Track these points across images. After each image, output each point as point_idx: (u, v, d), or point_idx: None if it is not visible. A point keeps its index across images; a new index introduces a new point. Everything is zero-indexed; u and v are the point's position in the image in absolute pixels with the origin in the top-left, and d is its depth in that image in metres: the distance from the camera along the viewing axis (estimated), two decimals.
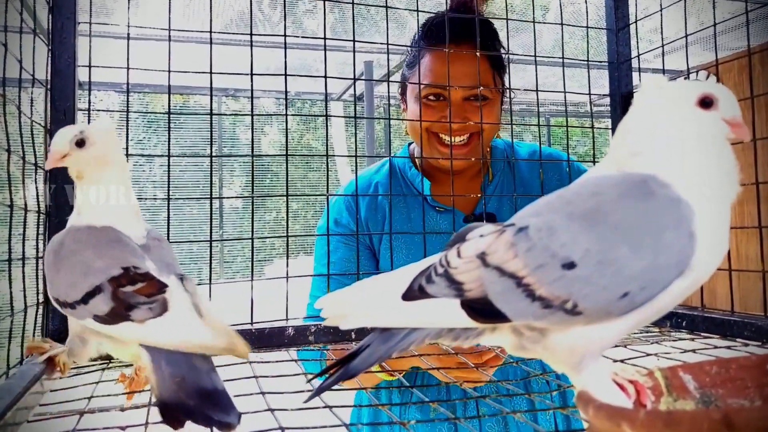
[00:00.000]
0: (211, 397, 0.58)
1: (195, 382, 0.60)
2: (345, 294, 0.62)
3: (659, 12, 1.28)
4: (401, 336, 0.59)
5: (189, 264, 7.56)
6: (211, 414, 0.57)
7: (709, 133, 0.56)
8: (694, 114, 0.57)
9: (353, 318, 0.59)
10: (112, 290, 0.65)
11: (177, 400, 0.58)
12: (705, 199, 0.53)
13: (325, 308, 0.61)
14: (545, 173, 1.33)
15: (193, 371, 0.61)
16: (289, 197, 1.11)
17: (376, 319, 0.59)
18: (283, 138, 1.28)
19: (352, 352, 0.60)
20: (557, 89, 5.49)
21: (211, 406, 0.57)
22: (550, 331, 0.56)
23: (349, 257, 1.32)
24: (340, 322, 0.60)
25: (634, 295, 0.52)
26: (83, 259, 0.68)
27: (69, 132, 0.74)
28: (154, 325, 0.63)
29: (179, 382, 0.59)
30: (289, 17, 4.54)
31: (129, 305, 0.64)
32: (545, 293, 0.53)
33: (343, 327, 0.60)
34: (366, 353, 0.59)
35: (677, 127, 0.56)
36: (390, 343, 0.59)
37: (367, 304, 0.60)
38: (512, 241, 0.56)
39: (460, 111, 1.27)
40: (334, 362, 0.60)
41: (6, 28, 0.86)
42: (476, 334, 0.59)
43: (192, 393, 0.58)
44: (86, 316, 0.66)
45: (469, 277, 0.56)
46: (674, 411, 0.56)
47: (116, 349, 0.71)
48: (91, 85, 1.03)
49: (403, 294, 0.58)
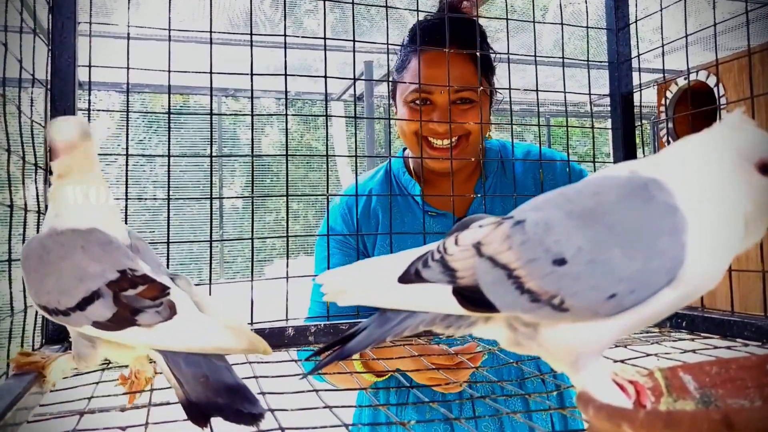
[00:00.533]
0: (237, 392, 0.59)
1: (219, 380, 0.60)
2: (345, 272, 0.63)
3: (659, 12, 1.28)
4: (397, 321, 0.60)
5: (189, 264, 7.56)
6: (241, 408, 0.57)
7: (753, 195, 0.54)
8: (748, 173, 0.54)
9: (351, 295, 0.61)
10: (113, 295, 0.63)
11: (206, 399, 0.58)
12: (707, 215, 0.53)
13: (325, 284, 0.62)
14: (538, 173, 1.34)
15: (214, 369, 0.61)
16: (289, 197, 1.11)
17: (373, 299, 0.60)
18: (283, 138, 1.28)
19: (347, 334, 0.61)
20: (557, 89, 5.49)
21: (239, 400, 0.58)
22: (541, 327, 0.56)
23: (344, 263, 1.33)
24: (338, 298, 0.61)
25: (621, 297, 0.52)
26: (74, 263, 0.65)
27: (74, 122, 0.70)
28: (164, 329, 0.62)
29: (204, 382, 0.60)
30: (290, 17, 4.54)
31: (134, 309, 0.62)
32: (534, 287, 0.54)
33: (341, 303, 0.61)
34: (362, 335, 0.60)
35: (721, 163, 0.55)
36: (386, 326, 0.60)
37: (366, 284, 0.61)
38: (508, 233, 0.56)
39: (447, 115, 1.26)
40: (329, 343, 0.62)
41: (6, 28, 0.86)
42: (468, 323, 0.60)
43: (219, 390, 0.59)
44: (84, 323, 0.63)
45: (463, 264, 0.57)
46: (674, 411, 0.56)
47: (119, 354, 0.69)
48: (91, 85, 1.03)
49: (400, 276, 0.59)
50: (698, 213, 0.53)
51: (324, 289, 0.62)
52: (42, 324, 0.96)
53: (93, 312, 0.63)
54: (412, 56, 1.31)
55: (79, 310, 0.63)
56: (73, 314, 0.63)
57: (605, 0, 1.38)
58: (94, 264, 0.65)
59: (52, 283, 0.65)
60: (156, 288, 0.64)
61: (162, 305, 0.63)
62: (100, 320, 0.63)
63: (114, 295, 0.63)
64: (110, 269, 0.64)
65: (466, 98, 1.29)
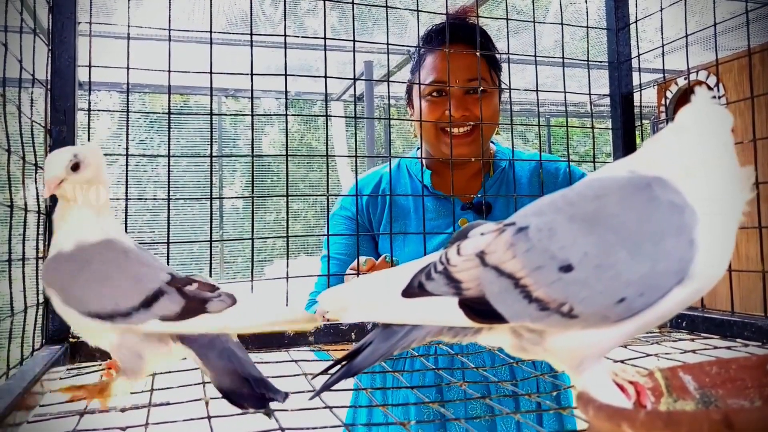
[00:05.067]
0: (260, 382, 0.65)
1: (245, 372, 0.66)
2: (346, 288, 0.62)
3: (659, 12, 1.28)
4: (402, 333, 0.59)
5: (189, 264, 7.56)
6: (265, 393, 0.64)
7: (732, 154, 0.56)
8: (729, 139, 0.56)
9: (353, 312, 0.59)
10: (177, 290, 0.68)
11: (233, 388, 0.65)
12: (712, 209, 0.53)
13: (326, 302, 0.61)
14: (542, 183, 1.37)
15: (240, 363, 0.67)
16: (289, 197, 1.11)
17: (377, 315, 0.59)
18: (283, 138, 1.29)
19: (354, 350, 0.60)
20: (557, 89, 5.49)
21: (263, 388, 0.64)
22: (548, 334, 0.55)
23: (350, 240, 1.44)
24: (340, 316, 0.60)
25: (631, 301, 0.51)
26: (125, 268, 0.70)
27: (63, 156, 0.73)
28: (233, 312, 0.67)
29: (232, 374, 0.66)
30: (291, 17, 4.54)
31: (202, 299, 0.67)
32: (542, 295, 0.53)
33: (344, 320, 0.60)
34: (368, 351, 0.59)
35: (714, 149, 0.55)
36: (392, 340, 0.59)
37: (368, 299, 0.60)
38: (511, 241, 0.55)
39: (462, 103, 1.37)
40: (337, 360, 0.61)
41: (6, 28, 0.86)
42: (474, 332, 0.59)
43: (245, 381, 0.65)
44: (148, 319, 0.67)
45: (468, 275, 0.56)
46: (674, 411, 0.56)
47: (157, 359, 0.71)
48: (92, 85, 1.03)
49: (403, 291, 0.58)
50: (706, 206, 0.53)
51: (325, 307, 0.61)
52: (42, 324, 0.96)
53: (160, 308, 0.67)
54: (427, 55, 1.43)
55: (144, 309, 0.67)
56: (135, 314, 0.67)
57: (605, 0, 1.38)
58: (145, 268, 0.70)
59: (107, 290, 0.68)
60: (208, 284, 0.70)
61: (221, 295, 0.68)
62: (168, 314, 0.67)
63: (178, 290, 0.68)
64: (161, 272, 0.70)
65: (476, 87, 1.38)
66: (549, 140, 8.42)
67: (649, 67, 4.29)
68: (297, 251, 7.04)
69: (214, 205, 1.07)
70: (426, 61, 1.43)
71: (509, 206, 1.40)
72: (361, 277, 0.64)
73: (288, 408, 0.66)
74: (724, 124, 0.56)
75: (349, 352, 0.60)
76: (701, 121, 0.56)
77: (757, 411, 0.42)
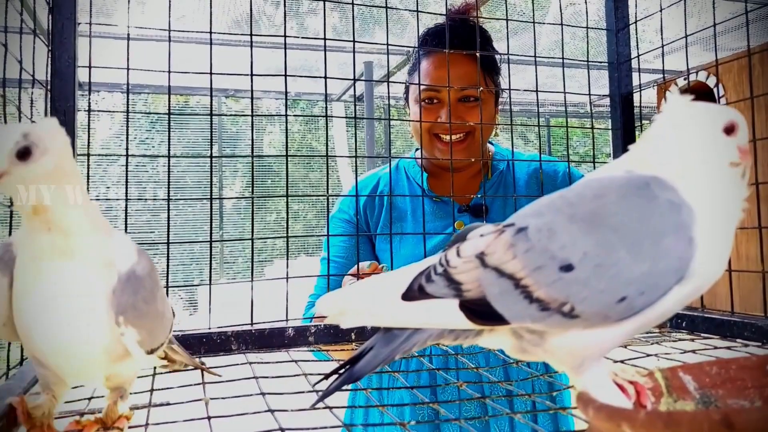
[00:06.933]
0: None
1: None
2: (345, 293, 0.62)
3: (659, 12, 1.28)
4: (404, 337, 0.58)
5: (190, 264, 7.57)
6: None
7: (726, 157, 0.56)
8: (719, 139, 0.56)
9: (353, 316, 0.59)
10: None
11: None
12: (710, 207, 0.53)
13: (325, 307, 0.61)
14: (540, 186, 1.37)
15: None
16: (289, 198, 1.11)
17: (377, 319, 0.59)
18: (284, 138, 1.29)
19: (355, 355, 0.60)
20: (557, 89, 5.49)
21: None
22: (548, 334, 0.55)
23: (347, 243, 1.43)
24: (339, 321, 0.60)
25: (632, 300, 0.51)
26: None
27: (3, 138, 0.50)
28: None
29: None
30: (293, 17, 4.54)
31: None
32: (543, 295, 0.53)
33: (343, 325, 0.60)
34: (370, 355, 0.59)
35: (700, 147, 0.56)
36: (393, 344, 0.58)
37: (368, 303, 0.59)
38: (511, 241, 0.55)
39: (455, 111, 1.35)
40: (339, 365, 0.60)
41: (6, 28, 0.86)
42: (475, 334, 0.59)
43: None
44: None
45: (468, 277, 0.56)
46: (674, 412, 0.56)
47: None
48: (92, 86, 1.03)
49: (403, 294, 0.58)
50: (704, 203, 0.53)
51: (324, 312, 0.61)
52: None
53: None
54: (422, 59, 1.41)
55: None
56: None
57: (605, 0, 1.38)
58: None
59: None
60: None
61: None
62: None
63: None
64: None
65: (471, 96, 1.36)
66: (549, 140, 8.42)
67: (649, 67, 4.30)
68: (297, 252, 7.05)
69: (214, 205, 1.08)
70: (421, 66, 1.41)
71: (506, 208, 1.39)
72: (359, 281, 0.64)
73: (288, 408, 0.66)
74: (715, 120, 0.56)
75: (350, 357, 0.60)
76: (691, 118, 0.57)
77: (757, 411, 0.42)
